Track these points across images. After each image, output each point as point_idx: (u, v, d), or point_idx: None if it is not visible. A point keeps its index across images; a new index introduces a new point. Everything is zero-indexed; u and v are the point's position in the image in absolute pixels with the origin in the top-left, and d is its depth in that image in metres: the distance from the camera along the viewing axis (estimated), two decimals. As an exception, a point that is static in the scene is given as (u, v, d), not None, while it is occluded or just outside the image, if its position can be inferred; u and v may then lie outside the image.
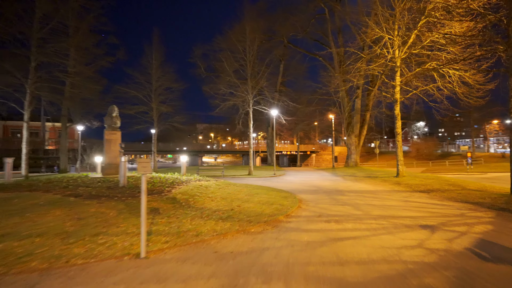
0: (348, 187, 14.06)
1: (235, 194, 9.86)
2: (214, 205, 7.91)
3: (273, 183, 16.85)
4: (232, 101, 24.76)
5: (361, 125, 32.55)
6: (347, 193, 11.77)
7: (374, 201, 9.62)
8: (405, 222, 6.33)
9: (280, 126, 56.06)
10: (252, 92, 24.59)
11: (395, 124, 17.36)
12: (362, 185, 15.08)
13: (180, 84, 26.43)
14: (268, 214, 7.13)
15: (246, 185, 13.84)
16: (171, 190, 8.89)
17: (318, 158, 65.00)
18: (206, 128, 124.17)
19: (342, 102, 32.87)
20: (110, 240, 4.93)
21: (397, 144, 17.25)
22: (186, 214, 6.76)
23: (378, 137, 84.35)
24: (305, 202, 9.50)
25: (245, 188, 11.96)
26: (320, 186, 14.94)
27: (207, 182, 11.83)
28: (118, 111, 11.46)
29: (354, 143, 32.11)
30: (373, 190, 12.85)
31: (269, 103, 26.15)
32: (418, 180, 15.39)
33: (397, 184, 14.55)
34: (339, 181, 17.43)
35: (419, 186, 13.32)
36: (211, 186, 10.87)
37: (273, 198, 9.69)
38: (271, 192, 11.35)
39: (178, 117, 26.42)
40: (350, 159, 32.39)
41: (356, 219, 6.77)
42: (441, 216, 7.04)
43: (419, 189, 12.46)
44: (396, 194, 11.22)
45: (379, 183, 15.62)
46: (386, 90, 18.76)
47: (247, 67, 24.25)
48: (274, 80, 38.24)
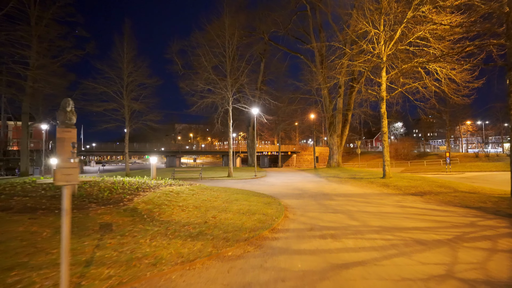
0: (335, 190, 13.07)
1: (211, 202, 8.50)
2: (184, 217, 6.53)
3: (254, 186, 15.63)
4: (211, 99, 23.30)
5: (343, 125, 32.05)
6: (335, 197, 10.73)
7: (368, 207, 8.60)
8: (414, 236, 5.26)
9: (261, 126, 55.02)
10: (231, 90, 23.25)
11: (381, 123, 16.65)
12: (348, 187, 14.17)
13: (154, 80, 24.62)
14: (250, 228, 5.86)
15: (225, 189, 12.50)
16: (133, 199, 7.40)
17: (299, 158, 64.59)
18: (185, 128, 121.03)
19: (324, 101, 32.24)
20: (27, 278, 3.46)
21: (383, 144, 16.54)
22: (146, 231, 5.35)
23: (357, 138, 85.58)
24: (291, 209, 8.31)
25: (223, 193, 10.62)
26: (304, 189, 13.87)
27: (180, 187, 10.39)
28: (73, 105, 9.70)
29: (336, 143, 31.55)
30: (362, 193, 11.91)
31: (249, 101, 24.94)
32: (405, 181, 14.70)
33: (385, 186, 13.75)
34: (324, 183, 16.48)
35: (408, 188, 12.55)
36: (183, 191, 9.44)
37: (255, 205, 8.43)
38: (252, 197, 10.09)
39: (152, 115, 24.53)
40: (332, 159, 31.80)
41: (355, 232, 5.63)
42: (451, 226, 6.07)
43: (410, 192, 11.67)
44: (388, 198, 10.30)
45: (365, 184, 14.78)
46: (371, 88, 18.07)
47: (226, 63, 22.88)
48: (254, 77, 37.11)
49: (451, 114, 51.40)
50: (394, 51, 16.10)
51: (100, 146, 54.52)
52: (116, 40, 23.83)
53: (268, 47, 40.26)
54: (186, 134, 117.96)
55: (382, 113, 16.55)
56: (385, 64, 16.27)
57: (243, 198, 9.73)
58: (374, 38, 16.04)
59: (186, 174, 23.23)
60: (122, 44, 23.89)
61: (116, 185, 8.95)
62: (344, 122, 32.15)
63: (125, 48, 23.94)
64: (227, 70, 23.06)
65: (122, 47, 23.85)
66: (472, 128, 54.62)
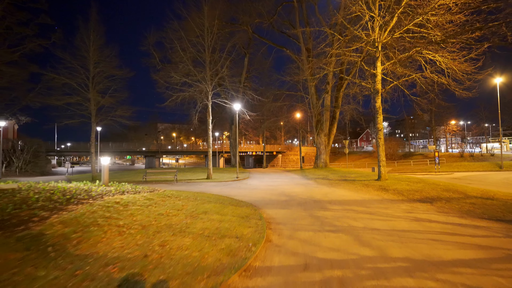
0: (327, 195, 11.15)
1: (168, 217, 6.34)
2: (116, 246, 4.36)
3: (233, 191, 13.52)
4: (189, 93, 20.99)
5: (331, 123, 30.44)
6: (329, 206, 8.79)
7: (375, 221, 6.69)
8: (470, 283, 3.33)
9: (245, 124, 52.98)
10: (211, 83, 21.04)
11: (376, 119, 14.93)
12: (342, 191, 12.30)
13: (124, 71, 22.01)
14: (211, 267, 3.77)
15: (197, 195, 10.33)
16: (49, 217, 5.14)
17: (284, 158, 62.95)
18: (168, 127, 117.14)
19: (311, 98, 30.51)
20: None
21: (379, 142, 14.83)
22: (34, 281, 3.17)
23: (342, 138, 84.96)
24: (276, 226, 6.28)
25: (191, 202, 8.46)
26: (291, 194, 11.89)
27: (135, 195, 8.13)
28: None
29: (324, 142, 29.89)
30: (360, 199, 10.05)
31: (231, 97, 22.79)
32: (404, 184, 13.00)
33: (383, 190, 11.97)
34: (313, 186, 14.58)
35: (411, 192, 10.81)
36: (136, 202, 7.21)
37: (228, 220, 6.34)
38: (228, 207, 7.99)
39: (120, 111, 21.87)
40: (319, 159, 30.11)
41: (375, 274, 3.64)
42: (509, 257, 4.19)
43: (415, 197, 9.91)
44: (394, 207, 8.46)
45: (360, 188, 12.97)
46: (365, 81, 16.35)
47: (205, 54, 20.65)
48: (238, 72, 34.98)
49: (436, 114, 51.11)
50: (390, 39, 14.41)
51: (74, 146, 50.70)
52: (81, 26, 21.11)
53: (252, 42, 38.28)
54: (168, 134, 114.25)
55: (377, 108, 14.83)
56: (380, 53, 14.57)
57: (215, 209, 7.61)
58: (368, 24, 14.29)
59: (160, 176, 20.83)
60: (88, 31, 21.20)
61: (41, 194, 6.62)
62: (332, 120, 30.54)
63: (91, 35, 21.25)
64: (206, 62, 20.84)
65: (87, 34, 21.16)
66: (456, 128, 54.64)
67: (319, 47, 15.77)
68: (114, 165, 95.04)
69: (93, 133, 21.67)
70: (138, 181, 19.71)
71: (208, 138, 21.45)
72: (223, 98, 21.98)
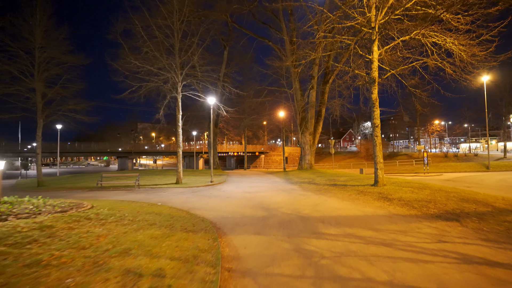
0: (317, 208, 8.63)
1: (38, 272, 3.54)
2: None
3: (201, 200, 10.79)
4: (154, 83, 17.98)
5: (316, 121, 28.18)
6: (323, 229, 6.24)
7: (400, 262, 4.17)
8: None
9: (226, 123, 50.12)
10: (180, 73, 18.18)
11: (372, 113, 12.60)
12: (335, 202, 9.82)
13: (77, 57, 18.66)
14: None
15: (140, 212, 7.55)
16: None
17: (267, 159, 60.58)
18: (147, 127, 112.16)
19: (295, 94, 28.16)
20: None
21: (375, 141, 12.50)
22: None
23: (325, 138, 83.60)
24: (239, 282, 3.64)
25: (121, 227, 5.67)
26: (271, 206, 9.29)
27: (25, 220, 5.25)
28: None
29: (309, 141, 27.58)
30: (361, 215, 7.57)
31: (207, 90, 19.94)
32: (408, 191, 10.71)
33: (385, 199, 9.60)
34: (298, 194, 12.05)
35: (422, 204, 8.48)
36: (8, 238, 4.36)
37: (155, 273, 3.63)
38: (172, 237, 5.25)
39: (72, 104, 18.42)
40: (303, 160, 27.78)
41: None
42: None
43: (430, 211, 7.56)
44: (413, 229, 5.99)
45: (357, 196, 10.56)
46: (357, 68, 14.01)
47: (174, 38, 17.74)
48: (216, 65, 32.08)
49: (421, 114, 50.23)
50: (388, 19, 12.15)
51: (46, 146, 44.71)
52: (24, 2, 17.59)
53: (233, 34, 35.55)
54: (148, 134, 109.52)
55: (374, 100, 12.51)
56: (377, 35, 12.27)
57: (150, 242, 4.86)
58: (363, 1, 11.94)
59: (121, 181, 17.69)
60: (33, 8, 17.74)
61: None
62: (317, 118, 28.30)
63: (37, 14, 17.81)
64: (175, 48, 17.93)
65: (32, 12, 17.71)
66: (440, 128, 54.12)
67: (305, 28, 13.28)
68: (88, 167, 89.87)
69: (39, 130, 18.19)
70: (92, 187, 16.57)
71: (177, 136, 18.56)
72: (196, 91, 19.10)
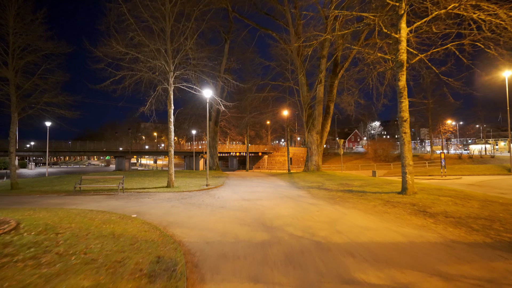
0: (338, 229, 6.33)
1: None
2: None
3: (186, 212, 8.54)
4: (143, 73, 15.79)
5: (324, 119, 25.85)
6: (356, 271, 3.96)
7: None
8: None
9: (227, 122, 47.89)
10: (173, 61, 16.01)
11: (399, 105, 10.28)
12: (358, 217, 7.52)
13: (58, 44, 16.51)
14: None
15: (81, 234, 5.35)
16: None
17: (270, 160, 58.31)
18: (149, 127, 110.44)
19: (301, 89, 25.88)
20: None
21: (404, 139, 10.18)
22: None
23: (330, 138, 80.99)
24: None
25: (18, 272, 3.47)
26: (275, 222, 7.02)
27: None
28: None
29: (316, 141, 25.25)
30: (405, 242, 5.25)
31: (204, 83, 17.68)
32: (450, 202, 8.39)
33: (425, 214, 7.28)
34: (308, 203, 9.76)
35: (484, 223, 6.17)
36: None
37: None
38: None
39: (47, 96, 16.12)
40: (310, 161, 25.45)
41: None
42: None
43: (505, 239, 5.26)
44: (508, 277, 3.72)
45: (383, 209, 8.24)
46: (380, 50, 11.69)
47: (165, 23, 15.57)
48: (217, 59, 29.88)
49: (432, 113, 47.60)
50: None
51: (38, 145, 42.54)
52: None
53: (234, 26, 33.32)
54: (150, 134, 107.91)
55: (401, 89, 10.19)
56: (406, 8, 9.97)
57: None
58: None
59: (100, 184, 15.46)
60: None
61: None
62: (326, 115, 25.98)
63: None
64: (167, 33, 15.76)
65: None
66: (453, 128, 51.40)
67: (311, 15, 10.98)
68: (88, 167, 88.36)
69: (14, 125, 16.09)
70: (70, 191, 14.44)
71: (168, 134, 16.37)
72: (193, 84, 16.84)
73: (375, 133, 69.39)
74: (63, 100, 16.56)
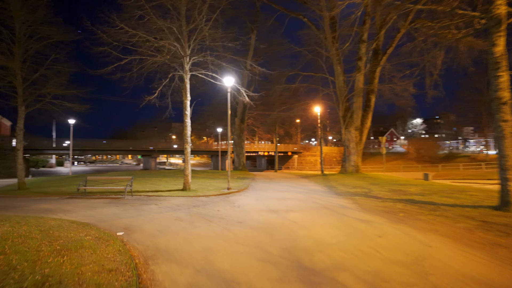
0: (430, 279, 3.54)
1: None
2: None
3: (189, 228, 6.07)
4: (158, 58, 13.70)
5: (364, 113, 22.50)
6: None
7: None
8: None
9: (255, 120, 45.51)
10: (188, 45, 13.81)
11: (494, 81, 7.05)
12: (452, 254, 4.57)
13: (64, 31, 14.97)
14: None
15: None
16: None
17: (300, 160, 55.11)
18: (179, 127, 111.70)
19: (337, 80, 22.71)
20: None
21: (502, 129, 6.97)
22: None
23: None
24: None
25: None
26: (316, 257, 4.28)
27: None
28: None
29: (355, 138, 21.96)
30: None
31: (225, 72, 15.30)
32: None
33: None
34: (359, 220, 6.90)
35: None
36: None
37: None
38: None
39: (51, 86, 14.60)
40: (348, 161, 22.20)
41: None
42: None
43: None
44: None
45: (489, 237, 5.21)
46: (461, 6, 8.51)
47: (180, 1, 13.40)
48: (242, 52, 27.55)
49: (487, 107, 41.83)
50: None
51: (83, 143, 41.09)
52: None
53: (260, 15, 30.80)
54: (180, 133, 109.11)
55: (498, 57, 6.99)
56: None
57: None
58: None
59: (107, 186, 13.59)
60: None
61: None
62: (366, 109, 22.60)
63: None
64: (181, 11, 13.59)
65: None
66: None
67: None
68: (121, 165, 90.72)
69: (21, 120, 14.83)
70: (74, 192, 12.75)
71: (185, 129, 14.22)
72: (215, 73, 14.48)
73: (417, 131, 63.21)
74: (73, 92, 15.07)
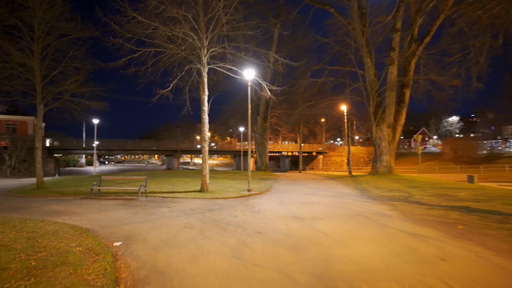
0: None
1: None
2: None
3: (199, 238, 5.01)
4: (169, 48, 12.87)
5: (398, 108, 20.54)
6: None
7: None
8: None
9: (278, 119, 44.18)
10: (206, 36, 12.88)
11: None
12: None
13: (81, 27, 14.58)
14: None
15: None
16: None
17: (325, 160, 53.04)
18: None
19: (367, 73, 20.93)
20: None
21: None
22: None
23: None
24: None
25: None
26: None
27: None
28: None
29: (387, 137, 20.08)
30: None
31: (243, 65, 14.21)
32: None
33: None
34: (406, 233, 5.45)
35: None
36: None
37: None
38: None
39: (68, 83, 14.24)
40: (379, 161, 20.35)
41: None
42: None
43: None
44: None
45: None
46: None
47: (197, -11, 12.50)
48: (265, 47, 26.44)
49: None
50: None
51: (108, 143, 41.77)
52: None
53: (283, 8, 29.49)
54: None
55: None
56: None
57: None
58: None
59: (121, 186, 12.97)
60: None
61: None
62: (399, 104, 20.63)
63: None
64: (199, 1, 12.68)
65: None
66: None
67: None
68: (147, 165, 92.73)
69: (40, 118, 14.67)
70: (88, 193, 12.22)
71: (202, 126, 13.32)
72: (227, 64, 13.46)
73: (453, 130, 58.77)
74: (91, 90, 14.75)
